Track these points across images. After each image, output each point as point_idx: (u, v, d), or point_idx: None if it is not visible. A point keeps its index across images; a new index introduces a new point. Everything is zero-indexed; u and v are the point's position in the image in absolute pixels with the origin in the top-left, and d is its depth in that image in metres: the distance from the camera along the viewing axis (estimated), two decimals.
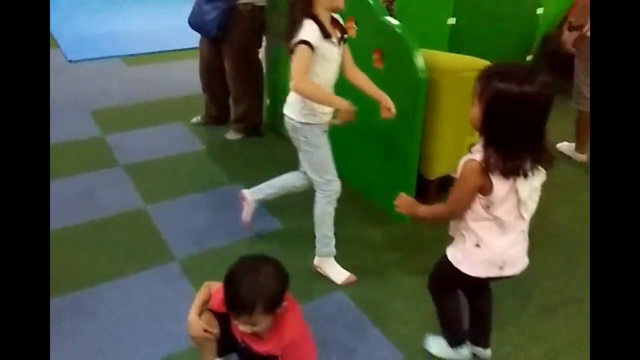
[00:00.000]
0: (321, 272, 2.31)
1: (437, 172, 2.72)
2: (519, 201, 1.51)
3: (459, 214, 1.59)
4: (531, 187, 1.50)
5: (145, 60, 5.13)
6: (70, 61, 4.99)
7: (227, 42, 3.26)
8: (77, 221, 2.62)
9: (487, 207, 1.52)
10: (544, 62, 4.57)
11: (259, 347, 1.54)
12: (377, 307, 2.14)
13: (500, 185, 1.47)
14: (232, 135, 3.57)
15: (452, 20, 3.77)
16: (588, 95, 3.04)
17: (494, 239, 1.56)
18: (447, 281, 1.77)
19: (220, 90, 3.56)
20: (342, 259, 2.33)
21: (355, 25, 2.58)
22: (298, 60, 1.91)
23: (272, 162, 3.28)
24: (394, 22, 2.43)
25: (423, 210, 1.70)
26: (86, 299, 2.15)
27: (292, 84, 1.95)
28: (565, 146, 3.37)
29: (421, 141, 2.53)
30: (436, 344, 1.93)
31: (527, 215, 1.56)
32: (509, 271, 1.61)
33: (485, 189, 1.49)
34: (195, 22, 3.24)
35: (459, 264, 1.64)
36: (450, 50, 3.43)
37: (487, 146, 1.45)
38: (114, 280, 2.26)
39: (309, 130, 2.08)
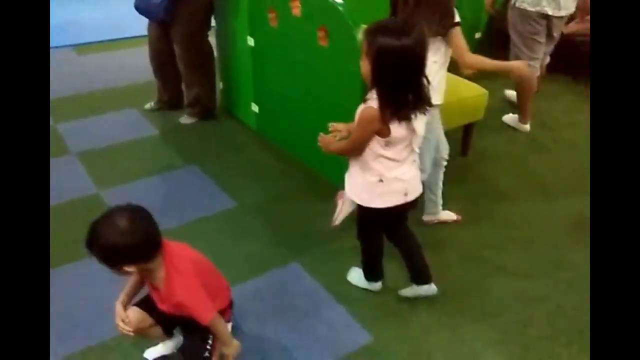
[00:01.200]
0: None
1: None
2: (414, 137, 1.69)
3: (358, 152, 1.75)
4: (423, 123, 1.69)
5: (97, 48, 5.05)
6: None
7: (175, 25, 3.24)
8: None
9: (385, 147, 1.69)
10: (492, 38, 4.70)
11: (160, 305, 1.64)
12: (330, 276, 2.23)
13: (397, 128, 1.64)
14: (185, 119, 3.56)
15: None
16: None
17: (391, 172, 1.74)
18: (369, 224, 1.96)
19: (171, 74, 3.54)
20: (297, 234, 2.41)
21: (299, 5, 2.63)
22: (460, 39, 2.06)
23: (227, 145, 3.31)
24: (337, 0, 2.48)
25: (333, 145, 1.89)
26: None
27: (464, 62, 2.09)
28: (510, 118, 3.50)
29: None
30: (355, 274, 2.19)
31: (417, 146, 1.75)
32: (411, 196, 1.82)
33: (383, 133, 1.65)
34: (142, 6, 3.18)
35: (369, 203, 1.81)
36: None
37: (380, 97, 1.60)
38: (68, 264, 2.28)
39: (435, 112, 2.15)
